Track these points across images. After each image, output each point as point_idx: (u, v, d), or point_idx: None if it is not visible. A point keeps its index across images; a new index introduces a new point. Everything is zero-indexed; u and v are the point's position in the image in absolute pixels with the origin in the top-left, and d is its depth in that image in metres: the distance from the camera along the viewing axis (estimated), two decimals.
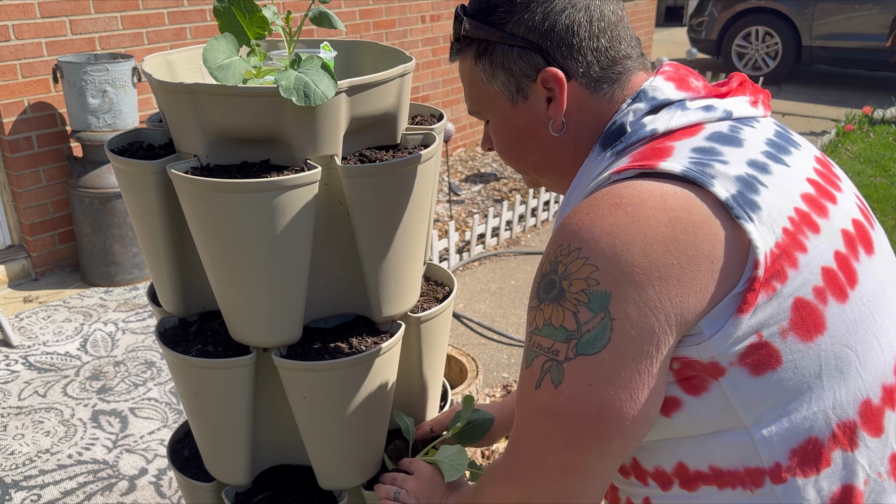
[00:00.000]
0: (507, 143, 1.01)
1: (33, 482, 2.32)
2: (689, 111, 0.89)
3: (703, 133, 0.87)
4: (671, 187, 0.81)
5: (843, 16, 7.60)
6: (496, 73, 0.96)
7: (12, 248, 3.68)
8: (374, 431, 1.33)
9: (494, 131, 1.02)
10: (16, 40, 3.39)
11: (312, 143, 1.15)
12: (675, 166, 0.82)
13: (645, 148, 0.87)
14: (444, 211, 4.65)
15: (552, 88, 0.93)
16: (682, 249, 0.78)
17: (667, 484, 0.90)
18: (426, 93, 5.47)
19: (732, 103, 0.92)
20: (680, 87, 0.93)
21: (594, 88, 0.93)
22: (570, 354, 0.79)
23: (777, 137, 0.92)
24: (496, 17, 0.94)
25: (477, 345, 3.22)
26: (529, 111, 0.96)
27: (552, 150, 0.97)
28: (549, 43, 0.92)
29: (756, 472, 0.83)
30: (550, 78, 0.92)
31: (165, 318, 1.35)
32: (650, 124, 0.89)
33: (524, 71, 0.94)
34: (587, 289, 0.79)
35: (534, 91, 0.95)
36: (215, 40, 1.08)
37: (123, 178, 1.22)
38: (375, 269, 1.24)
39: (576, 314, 0.79)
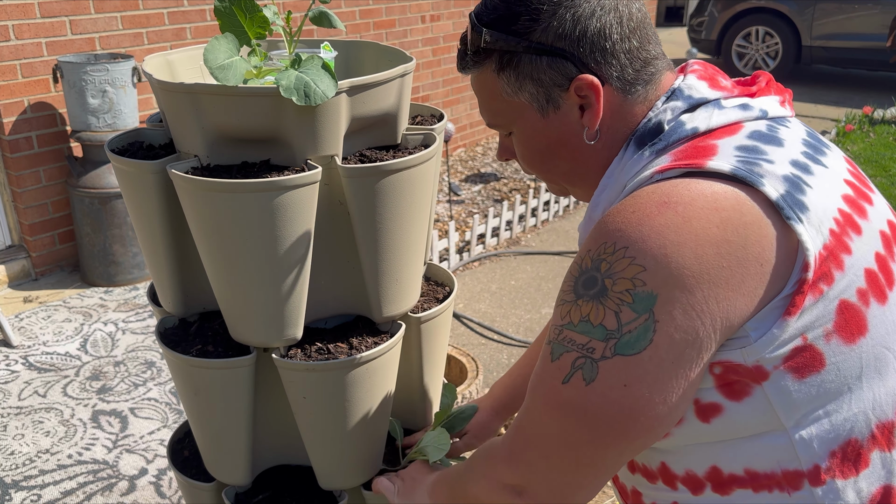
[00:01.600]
0: (535, 154, 0.97)
1: (33, 482, 2.32)
2: (726, 110, 0.88)
3: (743, 132, 0.86)
4: (721, 186, 0.79)
5: (843, 16, 7.60)
6: (523, 85, 0.91)
7: (12, 248, 3.68)
8: (374, 431, 1.33)
9: (521, 143, 0.98)
10: (16, 40, 3.39)
11: (313, 143, 1.15)
12: (723, 165, 0.80)
13: (687, 146, 0.85)
14: (444, 211, 4.65)
15: (586, 96, 0.90)
16: (732, 252, 0.76)
17: (698, 488, 0.88)
18: (426, 93, 5.47)
19: (766, 102, 0.91)
20: (713, 86, 0.91)
21: (628, 91, 0.91)
22: (608, 353, 0.78)
23: (810, 138, 0.91)
24: (520, 25, 0.89)
25: (477, 345, 3.22)
26: (561, 121, 0.92)
27: (584, 157, 0.94)
28: (581, 49, 0.88)
29: (794, 475, 0.82)
30: (585, 86, 0.89)
31: (165, 318, 1.35)
32: (690, 122, 0.87)
33: (555, 80, 0.90)
34: (632, 289, 0.77)
35: (566, 100, 0.91)
36: (216, 40, 1.08)
37: (123, 179, 1.22)
38: (375, 269, 1.24)
39: (618, 314, 0.77)
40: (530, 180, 5.22)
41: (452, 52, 5.64)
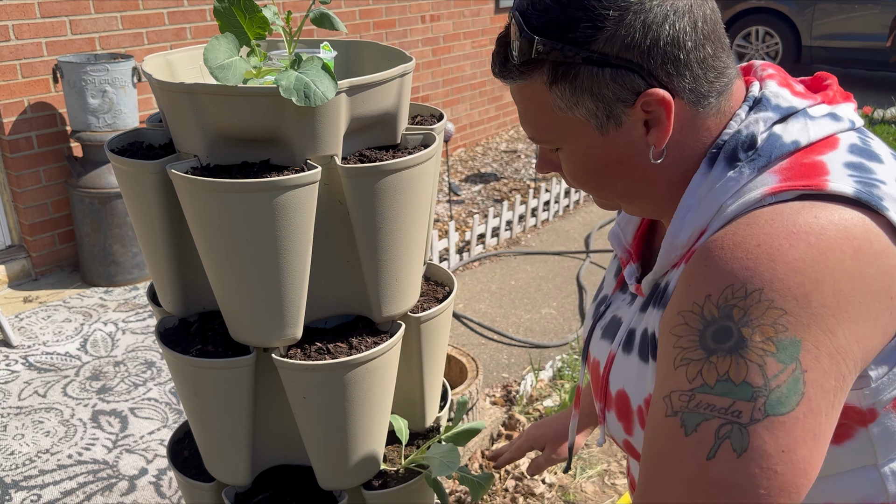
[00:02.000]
0: (589, 173, 0.87)
1: (33, 482, 2.32)
2: (818, 121, 0.80)
3: (842, 145, 0.79)
4: (849, 213, 0.71)
5: (843, 16, 7.60)
6: (580, 100, 0.80)
7: (12, 248, 3.68)
8: (374, 431, 1.33)
9: (572, 161, 0.87)
10: (16, 40, 3.39)
11: (312, 143, 1.15)
12: (845, 187, 0.72)
13: (793, 163, 0.77)
14: (444, 211, 4.65)
15: (654, 111, 0.79)
16: (867, 285, 0.69)
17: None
18: (426, 93, 5.47)
19: (849, 111, 0.84)
20: (795, 94, 0.83)
21: (700, 104, 0.81)
22: (758, 416, 0.67)
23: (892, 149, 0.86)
24: (579, 33, 0.77)
25: (477, 345, 3.22)
26: (623, 138, 0.82)
27: (647, 176, 0.84)
28: (651, 61, 0.77)
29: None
30: (655, 101, 0.78)
31: (165, 318, 1.35)
32: (787, 135, 0.79)
33: (619, 95, 0.79)
34: (774, 336, 0.68)
35: (630, 115, 0.80)
36: (216, 40, 1.08)
37: (123, 179, 1.22)
38: (375, 269, 1.24)
39: (762, 367, 0.68)
40: (530, 180, 5.22)
41: (452, 52, 5.64)
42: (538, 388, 2.86)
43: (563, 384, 2.87)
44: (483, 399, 2.76)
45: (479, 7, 5.78)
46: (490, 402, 2.78)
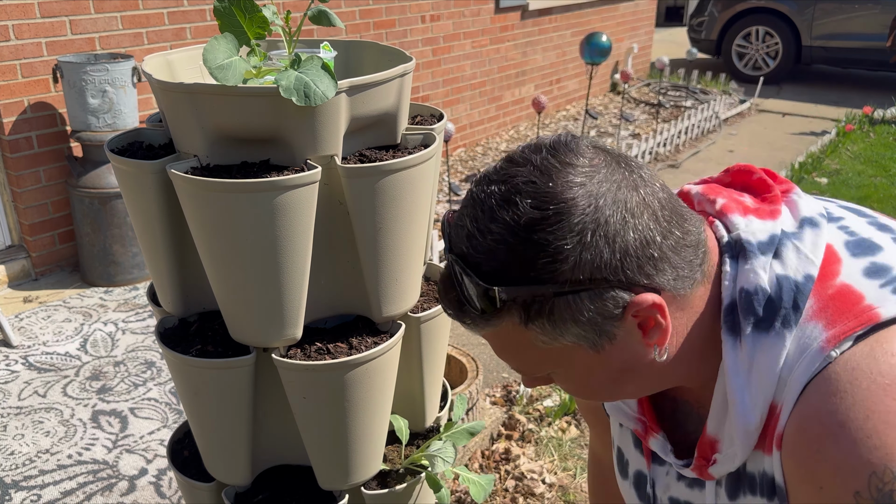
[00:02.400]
0: (594, 388, 0.81)
1: (33, 482, 2.32)
2: (804, 238, 0.76)
3: (841, 251, 0.76)
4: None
5: (843, 16, 7.60)
6: (564, 329, 0.73)
7: (12, 248, 3.68)
8: (374, 431, 1.33)
9: (571, 381, 0.81)
10: (16, 40, 3.39)
11: (312, 143, 1.15)
12: (890, 308, 0.70)
13: (822, 302, 0.73)
14: (444, 211, 4.66)
15: (645, 314, 0.74)
16: None
17: None
18: (426, 93, 5.47)
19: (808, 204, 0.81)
20: (760, 216, 0.79)
21: (685, 288, 0.76)
22: None
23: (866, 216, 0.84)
24: (541, 269, 0.70)
25: (477, 345, 3.21)
26: (621, 349, 0.76)
27: (654, 373, 0.79)
28: (628, 272, 0.71)
29: None
30: (644, 309, 0.73)
31: (165, 318, 1.35)
32: (794, 273, 0.74)
33: (604, 313, 0.72)
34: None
35: (621, 327, 0.74)
36: (215, 40, 1.08)
37: (123, 179, 1.22)
38: (375, 269, 1.24)
39: None
40: None
41: (452, 52, 5.64)
42: (538, 387, 2.86)
43: None
44: (483, 399, 2.76)
45: (479, 7, 5.77)
46: (490, 402, 2.77)
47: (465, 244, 0.73)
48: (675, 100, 7.10)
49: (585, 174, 0.71)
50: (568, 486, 2.34)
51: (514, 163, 0.73)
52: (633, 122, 6.53)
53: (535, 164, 0.72)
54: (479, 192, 0.73)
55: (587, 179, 0.71)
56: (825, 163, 5.44)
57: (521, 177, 0.71)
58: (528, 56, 6.44)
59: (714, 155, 5.70)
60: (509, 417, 2.66)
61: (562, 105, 7.12)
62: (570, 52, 6.87)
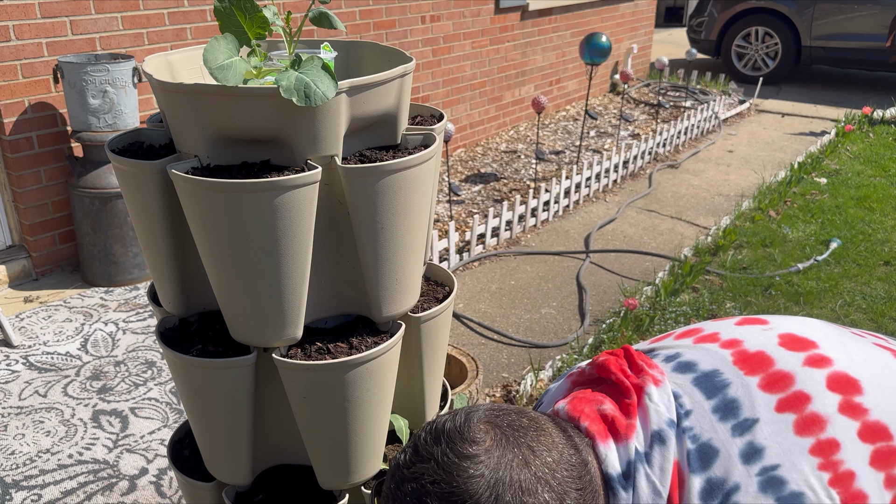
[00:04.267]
0: None
1: (34, 482, 2.33)
2: (653, 462, 0.87)
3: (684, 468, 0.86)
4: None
5: (843, 16, 7.60)
6: None
7: (13, 248, 3.69)
8: (374, 431, 1.33)
9: None
10: (16, 40, 3.39)
11: (313, 143, 1.15)
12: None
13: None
14: (444, 211, 4.66)
15: None
16: None
17: None
18: (426, 93, 5.47)
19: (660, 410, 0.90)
20: (617, 439, 0.89)
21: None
22: None
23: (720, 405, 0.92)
24: None
25: (477, 345, 3.22)
26: None
27: None
28: None
29: None
30: None
31: (166, 318, 1.36)
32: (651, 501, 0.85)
33: None
34: None
35: None
36: (216, 41, 1.08)
37: (124, 179, 1.23)
38: (375, 269, 1.24)
39: None
40: (530, 180, 5.22)
41: (452, 52, 5.64)
42: (538, 387, 2.86)
43: None
44: (483, 399, 2.76)
45: (479, 7, 5.78)
46: (490, 401, 2.78)
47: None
48: (675, 100, 7.10)
49: (482, 462, 0.80)
50: None
51: (421, 457, 0.83)
52: (633, 122, 6.53)
53: (437, 460, 0.81)
54: (397, 490, 0.83)
55: (484, 469, 0.80)
56: (824, 163, 5.45)
57: (428, 476, 0.81)
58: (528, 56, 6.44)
59: (713, 155, 5.70)
60: None
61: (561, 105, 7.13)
62: (570, 52, 6.88)
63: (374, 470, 1.38)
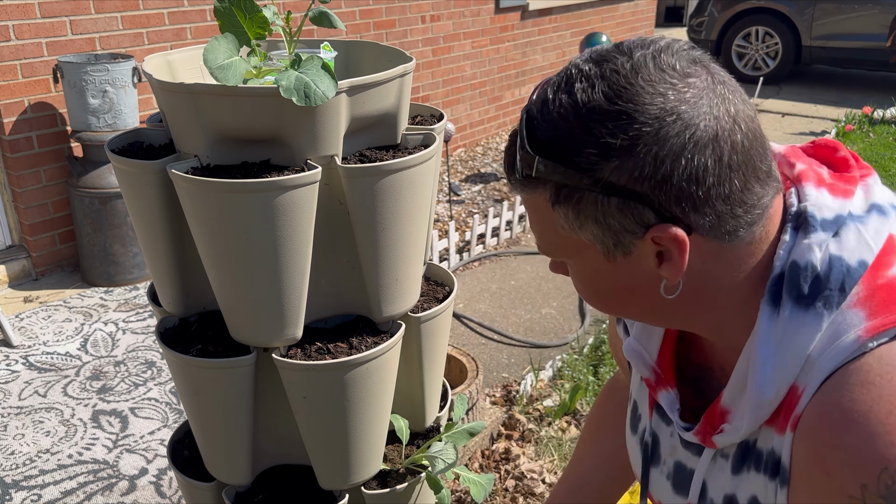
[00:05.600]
0: (598, 296, 0.80)
1: (33, 482, 2.33)
2: (867, 223, 0.73)
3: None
4: None
5: (843, 16, 7.60)
6: (584, 224, 0.73)
7: (12, 248, 3.68)
8: (374, 431, 1.33)
9: (580, 279, 0.80)
10: (16, 40, 3.39)
11: (313, 143, 1.15)
12: None
13: (870, 290, 0.70)
14: (444, 211, 4.66)
15: (665, 246, 0.72)
16: None
17: None
18: (426, 93, 5.47)
19: (884, 193, 0.78)
20: (833, 192, 0.76)
21: (728, 239, 0.72)
22: None
23: None
24: (584, 159, 0.69)
25: (477, 345, 3.22)
26: (632, 267, 0.75)
27: (664, 305, 0.77)
28: (663, 197, 0.68)
29: None
30: (666, 238, 0.70)
31: (166, 318, 1.35)
32: (849, 255, 0.71)
33: (626, 226, 0.71)
34: None
35: (639, 246, 0.72)
36: (216, 40, 1.08)
37: (124, 179, 1.23)
38: (375, 269, 1.24)
39: None
40: None
41: (452, 52, 5.64)
42: (538, 388, 2.86)
43: (563, 384, 2.87)
44: (483, 399, 2.76)
45: (479, 7, 5.78)
46: (490, 402, 2.78)
47: (537, 107, 0.73)
48: None
49: (673, 88, 0.68)
50: None
51: (619, 50, 0.72)
52: None
53: (633, 58, 0.70)
54: (574, 67, 0.73)
55: (671, 94, 0.68)
56: None
57: (613, 64, 0.70)
58: (528, 56, 6.44)
59: None
60: (509, 417, 2.66)
61: None
62: (570, 52, 6.88)
63: (374, 470, 1.38)
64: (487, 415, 2.61)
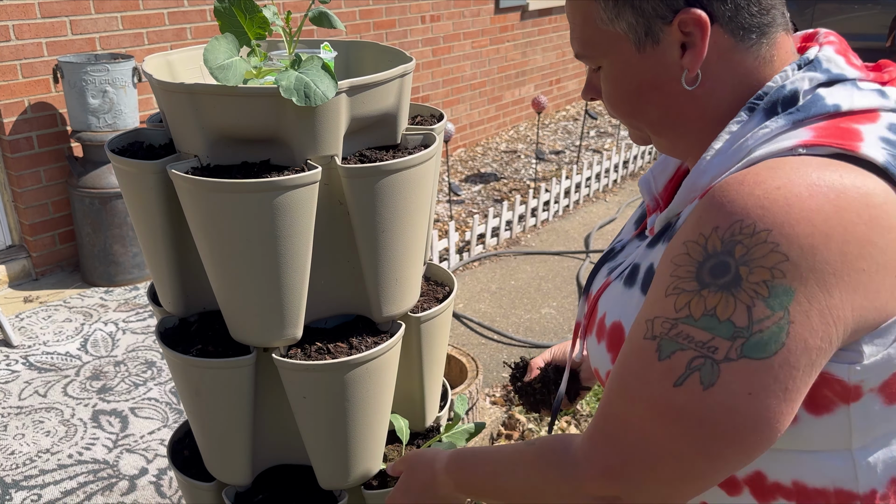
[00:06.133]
0: (624, 94, 0.87)
1: (33, 482, 2.33)
2: (865, 93, 0.79)
3: (882, 122, 0.77)
4: (873, 180, 0.71)
5: (843, 16, 7.61)
6: (622, 13, 0.82)
7: (13, 248, 3.69)
8: (374, 431, 1.33)
9: (610, 80, 0.87)
10: (16, 40, 3.39)
11: (313, 143, 1.15)
12: (875, 154, 0.72)
13: (830, 125, 0.76)
14: (444, 211, 4.66)
15: (690, 33, 0.79)
16: (874, 255, 0.69)
17: (735, 489, 0.81)
18: (426, 93, 5.47)
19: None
20: (850, 64, 0.82)
21: (741, 37, 0.80)
22: (733, 355, 0.68)
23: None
24: None
25: (477, 345, 3.22)
26: (659, 59, 0.82)
27: (679, 105, 0.84)
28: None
29: (847, 496, 0.77)
30: (691, 21, 0.78)
31: (166, 318, 1.35)
32: (829, 98, 0.78)
33: (658, 11, 0.80)
34: (770, 280, 0.68)
35: (667, 35, 0.81)
36: (216, 40, 1.08)
37: (124, 179, 1.23)
38: (375, 269, 1.24)
39: (750, 308, 0.68)
40: (530, 180, 5.22)
41: (452, 52, 5.64)
42: None
43: None
44: (483, 399, 2.76)
45: (479, 7, 5.78)
46: (490, 402, 2.78)
47: None
48: None
49: None
50: None
51: None
52: None
53: None
54: None
55: None
56: None
57: None
58: (528, 56, 6.44)
59: None
60: (509, 417, 2.66)
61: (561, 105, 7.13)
62: (570, 52, 6.88)
63: (374, 470, 1.38)
64: (487, 415, 2.61)
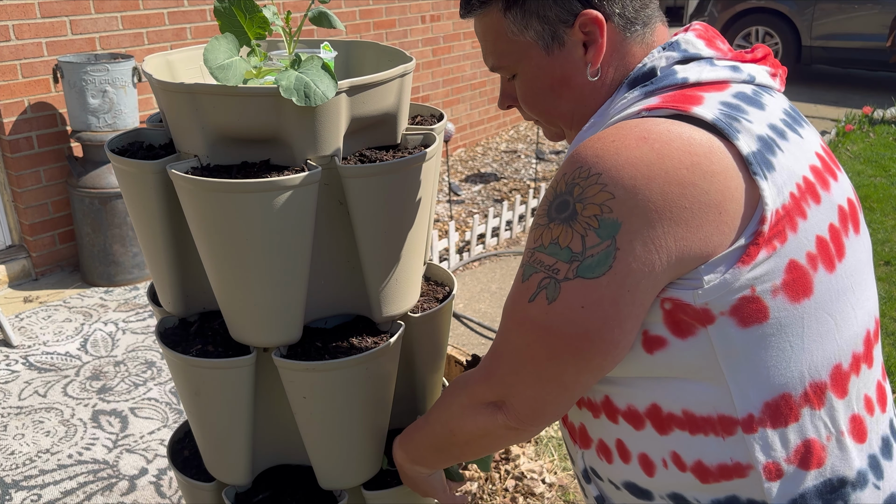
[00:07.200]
0: (539, 94, 1.00)
1: (33, 482, 2.33)
2: (717, 68, 0.92)
3: (729, 90, 0.90)
4: (699, 133, 0.83)
5: (843, 16, 7.60)
6: (529, 23, 0.95)
7: (12, 248, 3.68)
8: (374, 431, 1.33)
9: (525, 83, 1.00)
10: (16, 40, 3.39)
11: (313, 143, 1.15)
12: (706, 113, 0.84)
13: (675, 93, 0.89)
14: (444, 211, 4.65)
15: (590, 32, 0.93)
16: (696, 195, 0.81)
17: (639, 424, 0.92)
18: (426, 93, 5.47)
19: (756, 69, 0.96)
20: (709, 46, 0.95)
21: (627, 29, 0.94)
22: (570, 275, 0.83)
23: (791, 110, 0.97)
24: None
25: (477, 345, 3.22)
26: (566, 58, 0.96)
27: (585, 96, 0.98)
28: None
29: (728, 421, 0.87)
30: (590, 21, 0.92)
31: (165, 318, 1.35)
32: (681, 72, 0.91)
33: (560, 17, 0.93)
34: (599, 215, 0.81)
35: (570, 37, 0.94)
36: (216, 40, 1.08)
37: (123, 179, 1.23)
38: (375, 269, 1.24)
39: (584, 237, 0.82)
40: (530, 180, 5.22)
41: (452, 52, 5.64)
42: None
43: None
44: None
45: None
46: None
47: None
48: None
49: None
50: (568, 486, 2.34)
51: None
52: None
53: None
54: None
55: None
56: None
57: None
58: None
59: None
60: None
61: None
62: None
63: (375, 470, 1.38)
64: None
